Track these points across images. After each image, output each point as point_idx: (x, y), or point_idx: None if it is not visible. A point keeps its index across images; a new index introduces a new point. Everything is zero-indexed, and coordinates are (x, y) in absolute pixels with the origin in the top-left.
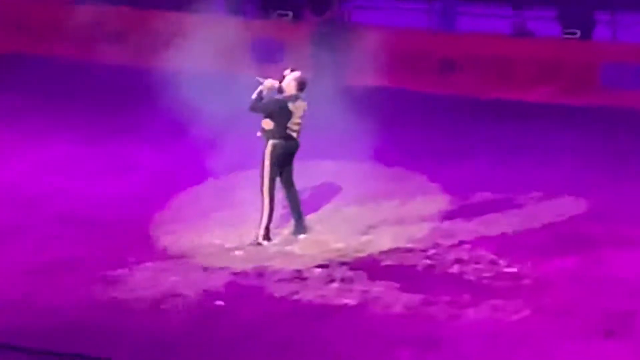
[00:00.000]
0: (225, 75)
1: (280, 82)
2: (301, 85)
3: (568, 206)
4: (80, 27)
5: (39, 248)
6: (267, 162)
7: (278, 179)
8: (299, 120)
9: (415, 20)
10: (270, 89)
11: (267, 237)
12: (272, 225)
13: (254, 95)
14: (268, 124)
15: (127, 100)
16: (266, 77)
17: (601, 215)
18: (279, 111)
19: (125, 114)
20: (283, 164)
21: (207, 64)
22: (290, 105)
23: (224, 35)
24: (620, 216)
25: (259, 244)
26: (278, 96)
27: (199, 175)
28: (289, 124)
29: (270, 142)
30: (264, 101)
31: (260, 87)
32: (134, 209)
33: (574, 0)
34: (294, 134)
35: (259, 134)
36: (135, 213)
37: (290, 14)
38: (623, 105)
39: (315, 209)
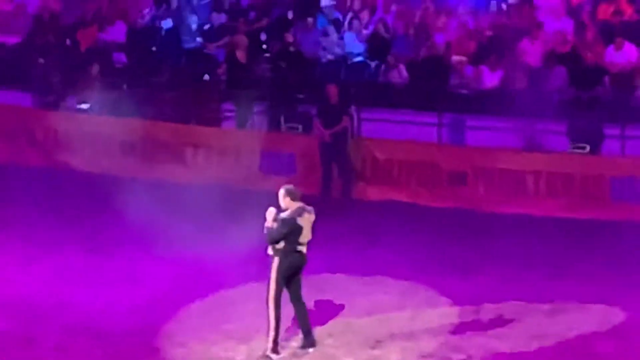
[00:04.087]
0: (235, 187)
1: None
2: (292, 195)
3: (578, 321)
4: (86, 138)
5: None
6: (273, 276)
7: (286, 294)
8: (307, 233)
9: (424, 133)
10: (275, 217)
11: (275, 350)
12: (280, 339)
13: (265, 232)
14: (279, 244)
15: (135, 212)
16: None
17: (612, 331)
18: (291, 230)
19: (134, 225)
20: (290, 278)
21: (216, 176)
22: (299, 220)
23: (234, 147)
24: (632, 330)
25: (268, 357)
26: (284, 215)
27: (208, 286)
28: (300, 239)
29: (277, 259)
30: (275, 229)
31: (266, 224)
32: (142, 319)
33: (583, 114)
34: (304, 249)
35: (270, 252)
36: (144, 324)
37: (300, 126)
38: (632, 219)
39: (325, 322)
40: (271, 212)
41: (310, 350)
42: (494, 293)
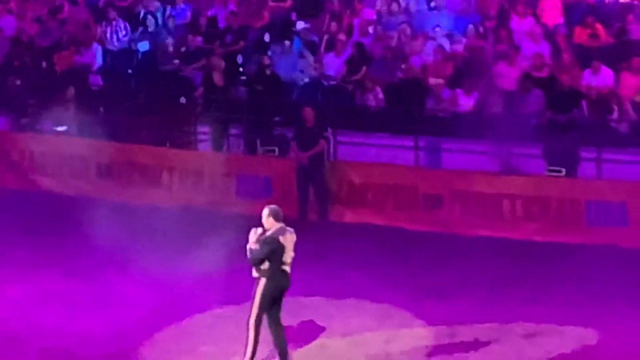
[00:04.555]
0: (211, 210)
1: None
2: (276, 215)
3: (555, 344)
4: (62, 160)
5: None
6: (258, 298)
7: (267, 317)
8: (291, 253)
9: (401, 156)
10: (257, 238)
11: None
12: None
13: (249, 254)
14: (264, 264)
15: (111, 235)
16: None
17: (588, 353)
18: (275, 249)
19: (110, 248)
20: (273, 301)
21: (192, 199)
22: (281, 239)
23: (210, 170)
24: (607, 353)
25: None
26: (267, 234)
27: (184, 310)
28: (284, 259)
29: (264, 280)
30: (258, 249)
31: (248, 246)
32: (118, 344)
33: (559, 137)
34: (287, 269)
35: (254, 274)
36: (120, 348)
37: (277, 149)
38: (608, 242)
39: (301, 345)
40: (255, 232)
41: None
42: (470, 316)
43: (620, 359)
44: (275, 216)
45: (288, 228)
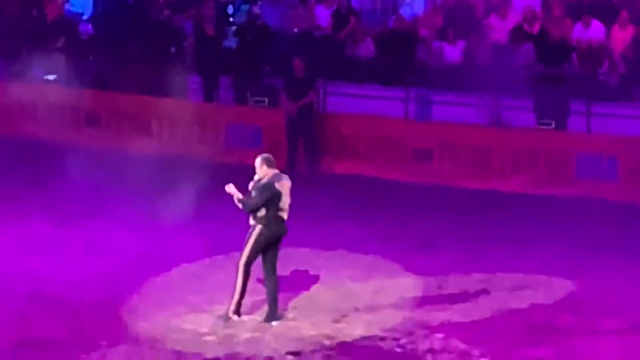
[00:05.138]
0: (200, 160)
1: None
2: (269, 163)
3: (541, 296)
4: (53, 109)
5: (8, 328)
6: (251, 243)
7: (262, 265)
8: (287, 199)
9: (391, 108)
10: (253, 186)
11: (237, 311)
12: (245, 312)
13: (240, 205)
14: (261, 211)
15: (102, 183)
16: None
17: (574, 305)
18: (272, 196)
19: (99, 197)
20: (268, 248)
21: (181, 148)
22: (277, 185)
23: (200, 120)
24: (593, 306)
25: (229, 317)
26: (263, 181)
27: (172, 259)
28: (280, 205)
29: (260, 227)
30: (255, 195)
31: (236, 198)
32: (107, 291)
33: (550, 90)
34: (284, 215)
35: (251, 222)
36: (109, 295)
37: (266, 100)
38: (597, 195)
39: (289, 295)
40: (230, 187)
41: (274, 324)
42: (458, 268)
43: (605, 310)
44: (268, 163)
45: (283, 174)
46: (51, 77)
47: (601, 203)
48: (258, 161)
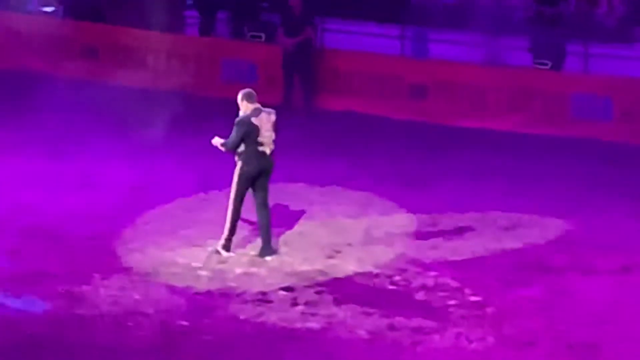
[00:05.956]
0: (195, 94)
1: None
2: (249, 97)
3: (534, 235)
4: (49, 40)
5: (2, 263)
6: (235, 179)
7: (253, 200)
8: (268, 134)
9: (387, 45)
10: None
11: (226, 247)
12: (239, 247)
13: (222, 148)
14: (241, 147)
15: (95, 116)
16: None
17: (567, 245)
18: (247, 130)
19: (94, 130)
20: (254, 183)
21: (177, 83)
22: (254, 120)
23: (196, 54)
24: (585, 245)
25: (218, 252)
26: (238, 118)
27: (166, 193)
28: (259, 139)
29: (240, 162)
30: (233, 134)
31: (219, 145)
32: (100, 225)
33: (546, 30)
34: (267, 150)
35: (236, 158)
36: (102, 229)
37: (263, 35)
38: (592, 136)
39: (282, 230)
40: (215, 139)
41: (268, 258)
42: (452, 206)
43: (597, 250)
44: (248, 99)
45: (265, 109)
46: (48, 9)
47: (596, 143)
48: (239, 97)
